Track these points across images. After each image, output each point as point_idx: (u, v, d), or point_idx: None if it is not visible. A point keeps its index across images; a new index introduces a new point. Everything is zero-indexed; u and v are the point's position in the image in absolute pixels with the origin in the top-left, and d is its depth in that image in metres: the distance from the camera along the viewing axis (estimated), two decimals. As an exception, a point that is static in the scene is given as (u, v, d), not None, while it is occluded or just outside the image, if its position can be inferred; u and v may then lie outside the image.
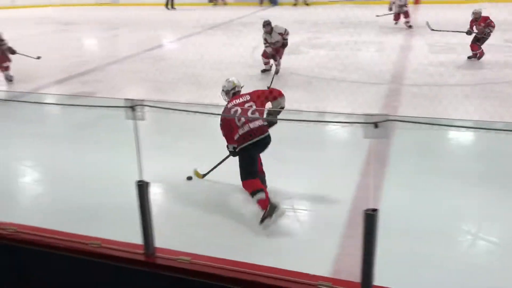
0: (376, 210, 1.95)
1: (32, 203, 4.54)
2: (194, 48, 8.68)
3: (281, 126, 3.98)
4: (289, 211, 3.90)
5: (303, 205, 4.10)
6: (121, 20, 17.24)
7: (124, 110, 2.25)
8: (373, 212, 1.94)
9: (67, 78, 9.14)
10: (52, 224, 2.84)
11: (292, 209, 3.97)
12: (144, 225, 2.43)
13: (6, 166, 5.21)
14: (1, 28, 8.90)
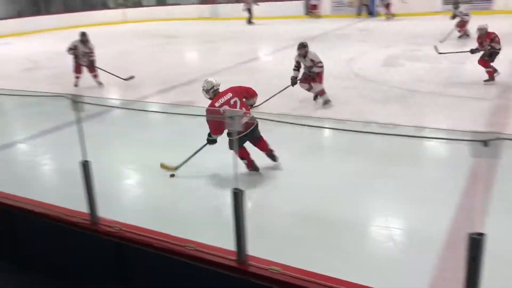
0: (482, 234, 1.81)
1: (134, 204, 4.87)
2: (289, 60, 8.75)
3: (376, 140, 3.86)
4: (383, 229, 3.76)
5: (397, 223, 3.93)
6: (220, 33, 18.00)
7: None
8: (479, 236, 1.81)
9: (169, 88, 9.71)
10: (152, 224, 3.02)
11: (386, 226, 3.82)
12: (238, 233, 2.48)
13: (111, 168, 5.63)
14: (114, 41, 9.69)
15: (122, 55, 14.62)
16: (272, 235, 3.86)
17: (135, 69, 9.80)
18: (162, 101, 8.81)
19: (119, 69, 11.85)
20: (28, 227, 3.61)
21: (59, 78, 10.70)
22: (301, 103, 7.73)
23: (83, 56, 9.92)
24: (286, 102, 7.62)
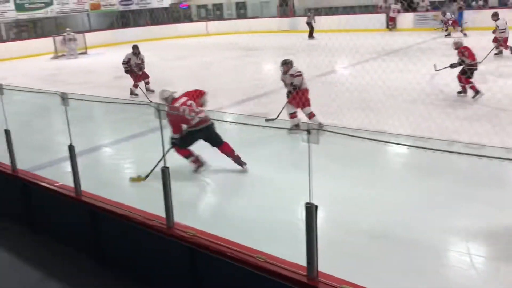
0: None
1: (209, 211, 4.98)
2: (368, 74, 8.57)
3: (461, 161, 3.64)
4: (465, 256, 3.52)
5: (480, 251, 3.66)
6: (299, 46, 18.04)
7: (299, 133, 2.30)
8: None
9: (245, 99, 9.88)
10: (224, 233, 3.06)
11: (468, 253, 3.58)
12: (310, 248, 2.44)
13: (187, 174, 5.81)
14: (196, 53, 10.05)
15: (203, 66, 15.14)
16: (345, 252, 3.75)
17: (214, 80, 10.10)
18: (238, 112, 8.98)
19: (199, 80, 12.27)
20: (110, 227, 3.81)
21: (142, 87, 11.28)
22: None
23: (135, 66, 10.97)
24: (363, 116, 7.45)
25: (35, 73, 17.46)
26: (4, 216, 5.10)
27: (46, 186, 4.32)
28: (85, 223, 3.99)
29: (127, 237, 3.69)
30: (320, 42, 17.11)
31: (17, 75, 16.84)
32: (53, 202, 4.32)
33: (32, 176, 4.65)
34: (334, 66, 13.54)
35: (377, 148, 5.75)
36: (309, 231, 2.46)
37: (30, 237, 4.64)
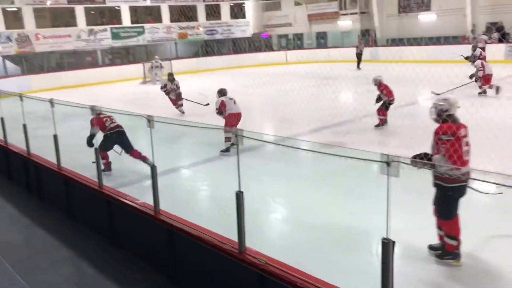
0: None
1: (279, 238, 4.95)
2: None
3: None
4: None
5: None
6: (380, 75, 17.69)
7: (379, 165, 2.24)
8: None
9: (322, 128, 9.83)
10: (295, 262, 3.02)
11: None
12: (385, 284, 2.34)
13: (260, 200, 5.85)
14: (276, 81, 10.22)
15: (281, 93, 15.33)
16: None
17: (291, 107, 10.19)
18: (314, 140, 8.94)
19: (276, 106, 12.45)
20: (185, 246, 3.92)
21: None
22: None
23: (171, 91, 12.66)
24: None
25: (125, 96, 18.70)
26: (91, 228, 5.44)
27: (128, 203, 4.55)
28: (162, 241, 4.13)
29: (200, 257, 3.77)
30: (405, 72, 16.76)
31: (109, 98, 18.14)
32: (133, 218, 4.54)
33: (116, 193, 4.93)
34: (416, 98, 13.11)
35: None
36: (384, 267, 2.36)
37: (112, 251, 4.89)
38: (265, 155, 7.91)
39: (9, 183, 7.75)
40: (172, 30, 28.68)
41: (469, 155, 3.93)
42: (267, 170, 7.21)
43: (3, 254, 4.79)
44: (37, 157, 6.83)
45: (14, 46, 23.16)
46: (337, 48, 27.50)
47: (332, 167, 6.74)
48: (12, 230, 5.75)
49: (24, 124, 7.07)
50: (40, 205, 6.56)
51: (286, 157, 7.37)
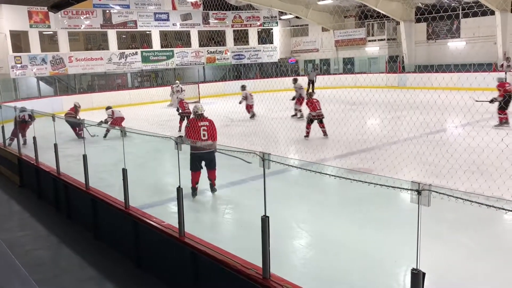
0: None
1: (303, 265, 4.87)
2: (480, 135, 8.01)
3: None
4: None
5: None
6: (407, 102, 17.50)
7: (409, 193, 2.19)
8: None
9: (347, 154, 9.74)
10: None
11: None
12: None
13: (285, 225, 5.79)
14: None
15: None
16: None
17: (317, 132, 10.17)
18: (340, 166, 8.85)
19: (302, 131, 12.43)
20: (209, 270, 3.89)
21: (248, 136, 11.73)
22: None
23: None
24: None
25: (153, 118, 19.03)
26: (117, 249, 5.48)
27: (153, 225, 4.58)
28: (186, 263, 4.12)
29: (224, 281, 3.73)
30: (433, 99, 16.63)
31: (138, 119, 18.48)
32: (158, 240, 4.55)
33: (142, 214, 4.97)
34: (445, 125, 12.90)
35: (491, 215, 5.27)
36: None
37: (136, 273, 4.90)
38: (291, 179, 7.87)
39: (39, 201, 7.92)
40: (201, 55, 29.24)
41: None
42: (292, 195, 7.16)
43: (30, 272, 4.86)
44: (66, 176, 6.97)
45: (49, 68, 24.01)
46: (364, 73, 27.48)
47: (359, 194, 6.65)
48: (40, 248, 5.84)
49: (55, 143, 7.25)
50: (68, 223, 6.67)
51: (311, 182, 7.31)
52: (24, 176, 8.93)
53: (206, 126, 7.31)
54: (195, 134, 7.13)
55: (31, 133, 8.45)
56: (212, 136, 7.34)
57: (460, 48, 24.98)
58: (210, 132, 7.33)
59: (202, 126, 7.28)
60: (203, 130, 7.25)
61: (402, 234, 5.09)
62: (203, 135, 7.21)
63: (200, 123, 7.31)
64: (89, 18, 25.11)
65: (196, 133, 7.14)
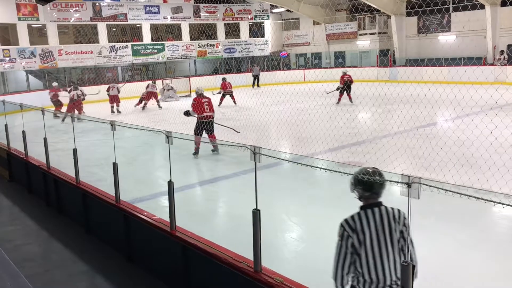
0: None
1: (295, 258, 4.89)
2: (470, 128, 8.08)
3: None
4: None
5: None
6: (397, 96, 17.57)
7: (399, 186, 2.21)
8: None
9: (338, 147, 9.78)
10: (311, 282, 2.97)
11: None
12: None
13: (276, 218, 5.82)
14: (293, 99, 10.21)
15: (298, 112, 15.37)
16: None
17: (308, 126, 10.19)
18: (331, 159, 8.89)
19: (293, 125, 12.45)
20: (200, 263, 3.90)
21: (240, 130, 11.70)
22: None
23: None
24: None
25: (144, 112, 18.94)
26: (108, 243, 5.46)
27: (144, 219, 4.57)
28: (177, 257, 4.12)
29: (215, 275, 3.74)
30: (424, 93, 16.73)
31: (128, 114, 18.38)
32: (149, 234, 4.55)
33: (133, 208, 4.95)
34: (435, 119, 12.99)
35: (480, 208, 5.33)
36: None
37: (127, 266, 4.89)
38: (282, 173, 7.89)
39: (29, 196, 7.86)
40: (192, 48, 29.10)
41: None
42: (283, 188, 7.18)
43: (20, 267, 4.83)
44: (57, 170, 6.92)
45: (38, 61, 23.75)
46: (355, 67, 27.53)
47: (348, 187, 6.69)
48: (31, 243, 5.80)
49: (45, 137, 7.19)
50: (58, 218, 6.63)
51: (302, 176, 7.33)
52: (13, 170, 8.85)
53: (207, 102, 9.92)
54: (200, 108, 9.74)
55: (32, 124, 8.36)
56: (211, 109, 9.98)
57: (450, 42, 25.11)
58: (210, 106, 9.98)
59: (204, 101, 9.89)
60: (205, 104, 9.85)
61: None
62: (206, 108, 9.80)
63: (203, 100, 9.94)
64: (79, 11, 24.84)
65: (201, 107, 9.75)
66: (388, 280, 2.56)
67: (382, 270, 2.56)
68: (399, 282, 2.48)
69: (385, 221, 2.63)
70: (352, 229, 2.69)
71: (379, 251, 2.57)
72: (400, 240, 2.61)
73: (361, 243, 2.62)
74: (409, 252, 2.51)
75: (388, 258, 2.57)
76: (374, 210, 2.70)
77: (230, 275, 3.43)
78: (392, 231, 2.61)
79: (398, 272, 2.55)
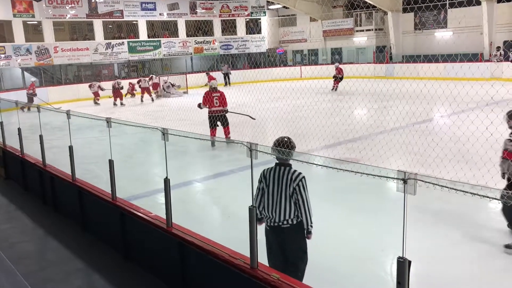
0: None
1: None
2: (466, 124, 8.09)
3: None
4: None
5: None
6: (394, 92, 17.57)
7: (395, 182, 2.21)
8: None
9: (335, 143, 9.79)
10: (307, 279, 2.98)
11: None
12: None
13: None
14: (290, 95, 10.21)
15: (294, 108, 15.37)
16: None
17: (305, 122, 10.21)
18: (327, 155, 8.90)
19: (289, 121, 12.45)
20: (197, 260, 3.90)
21: (237, 126, 11.70)
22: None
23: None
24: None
25: (140, 108, 18.90)
26: (104, 241, 5.45)
27: (141, 216, 4.56)
28: (173, 254, 4.12)
29: (211, 272, 3.74)
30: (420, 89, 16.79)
31: (124, 110, 18.34)
32: (146, 231, 4.54)
33: (129, 205, 4.94)
34: (431, 115, 13.02)
35: (476, 204, 5.35)
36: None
37: (124, 264, 4.88)
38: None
39: (25, 193, 7.84)
40: (188, 45, 29.04)
41: None
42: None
43: (16, 264, 4.82)
44: (52, 168, 6.90)
45: (34, 58, 23.65)
46: (352, 64, 27.53)
47: (346, 183, 6.70)
48: (26, 241, 5.79)
49: (41, 135, 7.17)
50: (54, 216, 6.61)
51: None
52: (9, 168, 8.82)
53: (217, 96, 10.43)
54: (209, 101, 10.27)
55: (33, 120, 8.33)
56: (223, 103, 10.43)
57: (446, 38, 25.15)
58: (221, 100, 10.44)
59: (214, 96, 10.41)
60: (215, 99, 10.36)
61: (388, 222, 5.15)
62: (215, 102, 10.33)
63: (213, 94, 10.39)
64: (75, 7, 24.74)
65: (210, 101, 10.26)
66: (277, 219, 3.64)
67: (273, 210, 3.64)
68: (286, 222, 3.62)
69: (284, 177, 3.64)
70: (263, 176, 3.77)
71: (273, 196, 3.66)
72: (294, 195, 3.61)
73: (264, 187, 3.73)
74: (301, 206, 3.61)
75: (280, 203, 3.62)
76: (281, 168, 3.71)
77: (226, 271, 3.43)
78: (287, 186, 3.62)
79: (286, 215, 3.62)
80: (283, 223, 3.63)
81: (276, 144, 3.77)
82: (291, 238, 3.67)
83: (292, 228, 3.64)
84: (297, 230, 3.68)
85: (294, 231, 3.66)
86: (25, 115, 8.72)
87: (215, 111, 10.31)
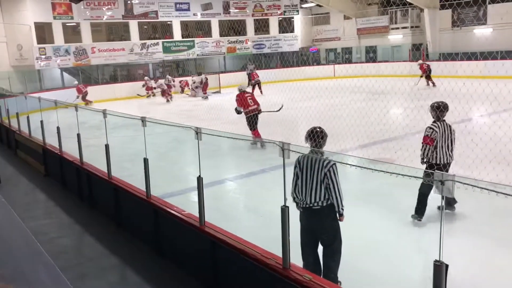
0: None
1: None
2: (507, 124, 7.77)
3: None
4: None
5: None
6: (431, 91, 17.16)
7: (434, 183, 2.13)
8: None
9: (369, 143, 9.62)
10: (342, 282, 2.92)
11: None
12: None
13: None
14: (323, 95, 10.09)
15: (328, 108, 15.20)
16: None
17: (339, 122, 10.09)
18: (362, 155, 8.75)
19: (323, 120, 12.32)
20: (228, 259, 3.90)
21: (269, 125, 11.67)
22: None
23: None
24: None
25: (174, 108, 19.16)
26: (138, 237, 5.54)
27: (174, 214, 4.60)
28: (205, 253, 4.14)
29: (243, 271, 3.74)
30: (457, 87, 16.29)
31: (158, 110, 18.64)
32: (179, 229, 4.58)
33: (163, 203, 5.00)
34: (470, 114, 12.61)
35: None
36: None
37: (157, 261, 4.95)
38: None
39: (63, 190, 8.07)
40: (221, 44, 29.22)
41: None
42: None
43: (55, 259, 4.96)
44: (89, 165, 7.07)
45: (72, 59, 24.36)
46: (387, 62, 27.04)
47: (380, 183, 6.57)
48: (64, 236, 5.96)
49: (78, 133, 7.35)
50: (91, 212, 6.78)
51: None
52: (48, 165, 9.11)
53: (250, 96, 10.78)
54: (245, 102, 10.53)
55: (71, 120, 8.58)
56: (256, 102, 10.74)
57: (486, 35, 24.32)
58: (254, 99, 10.82)
59: (247, 96, 10.69)
60: (249, 99, 10.63)
61: (424, 225, 5.01)
62: (250, 102, 10.56)
63: (245, 95, 10.72)
64: (111, 9, 25.31)
65: (245, 102, 10.53)
66: (308, 201, 3.92)
67: (305, 193, 3.93)
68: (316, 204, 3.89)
69: (316, 163, 3.91)
70: (298, 162, 4.03)
71: (306, 180, 3.94)
72: (325, 180, 3.86)
73: (298, 172, 4.01)
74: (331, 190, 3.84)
75: (312, 187, 3.90)
76: (313, 156, 3.95)
77: (258, 271, 3.41)
78: (319, 171, 3.89)
79: (317, 198, 3.88)
80: (313, 205, 3.90)
81: (309, 133, 4.14)
82: (322, 219, 3.95)
83: (322, 209, 3.92)
84: (328, 212, 3.93)
85: (324, 213, 3.92)
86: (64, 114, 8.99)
87: (251, 111, 10.50)
